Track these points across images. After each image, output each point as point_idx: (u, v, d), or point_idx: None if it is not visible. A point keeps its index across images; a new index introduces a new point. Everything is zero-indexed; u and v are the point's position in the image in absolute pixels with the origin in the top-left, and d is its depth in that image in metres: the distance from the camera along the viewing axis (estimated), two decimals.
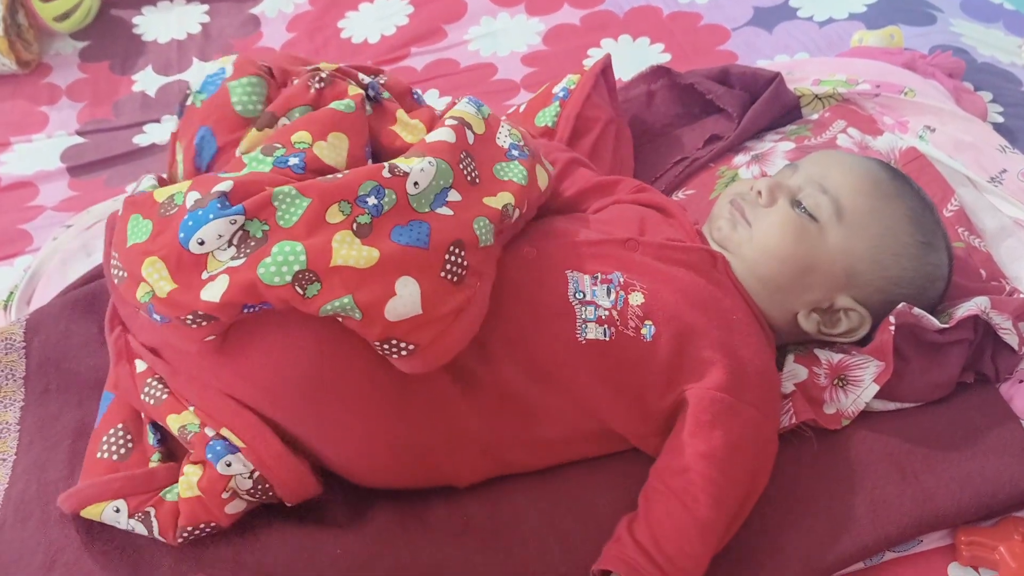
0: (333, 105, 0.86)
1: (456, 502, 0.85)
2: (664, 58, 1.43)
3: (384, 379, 0.78)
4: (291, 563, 0.80)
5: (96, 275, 1.06)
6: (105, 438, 0.85)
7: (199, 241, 0.75)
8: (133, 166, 1.35)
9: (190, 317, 0.75)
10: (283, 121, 0.87)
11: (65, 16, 1.57)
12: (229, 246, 0.75)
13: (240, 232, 0.75)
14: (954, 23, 1.41)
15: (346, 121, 0.85)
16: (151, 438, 0.84)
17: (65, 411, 0.95)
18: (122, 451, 0.84)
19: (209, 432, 0.80)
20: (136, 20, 1.63)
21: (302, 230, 0.75)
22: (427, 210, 0.79)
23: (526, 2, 1.58)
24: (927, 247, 0.90)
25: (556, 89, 1.11)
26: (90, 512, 0.82)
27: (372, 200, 0.77)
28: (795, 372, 0.91)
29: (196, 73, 1.17)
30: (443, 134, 0.84)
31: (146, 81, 1.51)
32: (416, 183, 0.79)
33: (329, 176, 0.79)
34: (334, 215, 0.76)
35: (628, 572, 0.76)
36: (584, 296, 0.84)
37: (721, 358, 0.83)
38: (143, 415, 0.86)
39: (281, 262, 0.73)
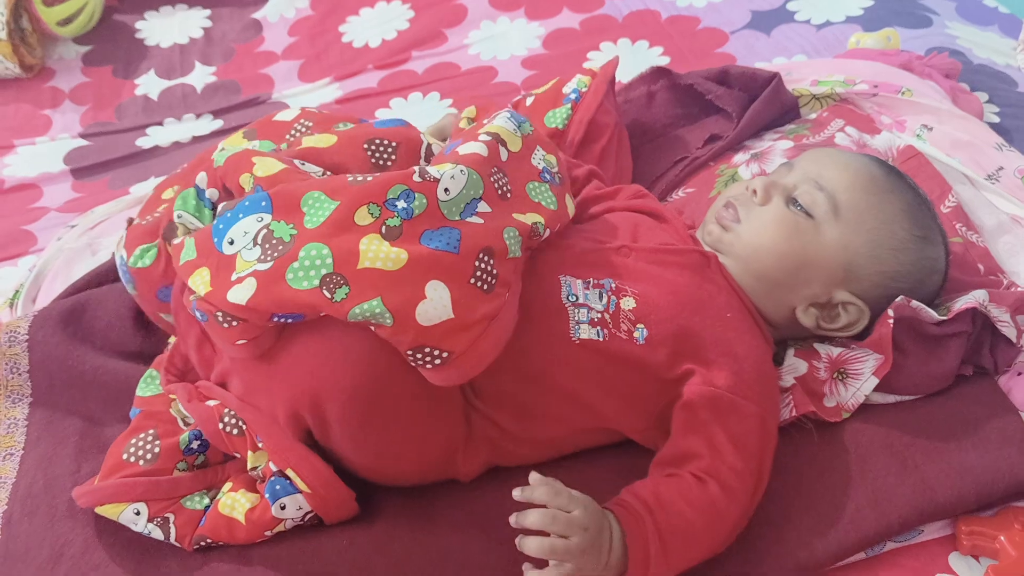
0: (221, 158, 0.85)
1: (460, 495, 0.86)
2: (663, 61, 1.44)
3: (423, 389, 0.77)
4: (298, 554, 0.81)
5: (101, 277, 1.07)
6: (134, 440, 0.85)
7: (229, 241, 0.76)
8: (136, 168, 1.36)
9: (219, 315, 0.75)
10: (176, 215, 0.86)
11: (68, 21, 1.58)
12: (255, 245, 0.75)
13: (265, 231, 0.75)
14: (950, 26, 1.43)
15: (251, 152, 0.85)
16: (185, 443, 0.85)
17: (72, 408, 0.96)
18: (148, 456, 0.84)
19: (273, 467, 0.81)
20: (139, 25, 1.65)
21: (329, 232, 0.74)
22: (457, 218, 0.78)
23: (526, 6, 1.60)
24: (924, 241, 0.91)
25: (567, 89, 1.10)
26: (107, 511, 0.82)
27: (402, 203, 0.76)
28: (795, 366, 0.91)
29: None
30: (476, 147, 0.84)
31: (149, 85, 1.53)
32: (447, 189, 0.78)
33: (359, 177, 0.78)
34: (363, 217, 0.75)
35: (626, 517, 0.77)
36: (577, 299, 0.85)
37: (717, 357, 0.84)
38: (181, 421, 0.87)
39: (308, 266, 0.72)
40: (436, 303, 0.72)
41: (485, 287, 0.76)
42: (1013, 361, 0.93)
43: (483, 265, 0.76)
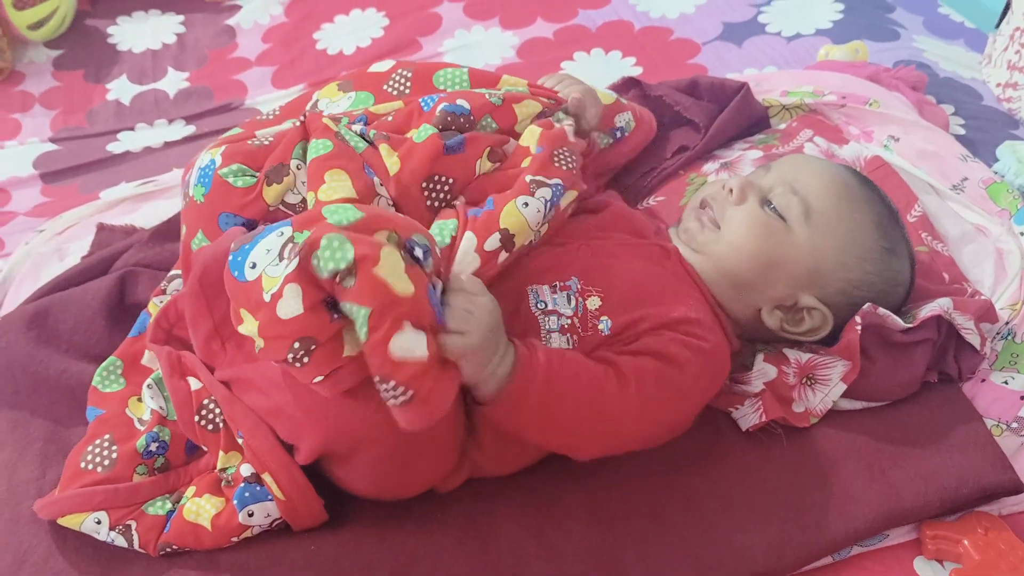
0: (311, 153, 0.87)
1: (429, 498, 0.85)
2: (636, 71, 1.46)
3: (451, 432, 0.80)
4: (266, 560, 0.80)
5: (68, 281, 1.06)
6: (91, 448, 0.85)
7: (251, 265, 0.71)
8: (106, 172, 1.35)
9: (290, 354, 0.69)
10: (294, 164, 0.87)
11: (39, 24, 1.57)
12: (280, 260, 0.70)
13: (290, 244, 0.70)
14: (917, 39, 1.45)
15: (333, 160, 0.86)
16: (143, 447, 0.84)
17: (36, 413, 0.94)
18: (106, 463, 0.84)
19: (245, 471, 0.80)
20: (111, 30, 1.64)
21: (351, 229, 0.69)
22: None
23: (500, 15, 1.60)
24: (890, 253, 0.93)
25: (618, 120, 1.10)
26: (69, 521, 0.82)
27: (419, 252, 0.72)
28: (765, 371, 0.92)
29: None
30: (493, 243, 0.85)
31: (121, 90, 1.52)
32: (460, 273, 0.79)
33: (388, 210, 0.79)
34: (382, 236, 0.71)
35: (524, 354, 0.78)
36: (546, 306, 0.85)
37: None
38: (137, 422, 0.86)
39: (328, 257, 0.67)
40: (410, 340, 0.69)
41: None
42: (977, 368, 0.95)
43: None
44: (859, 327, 0.90)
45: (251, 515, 0.80)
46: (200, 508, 0.81)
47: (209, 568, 0.81)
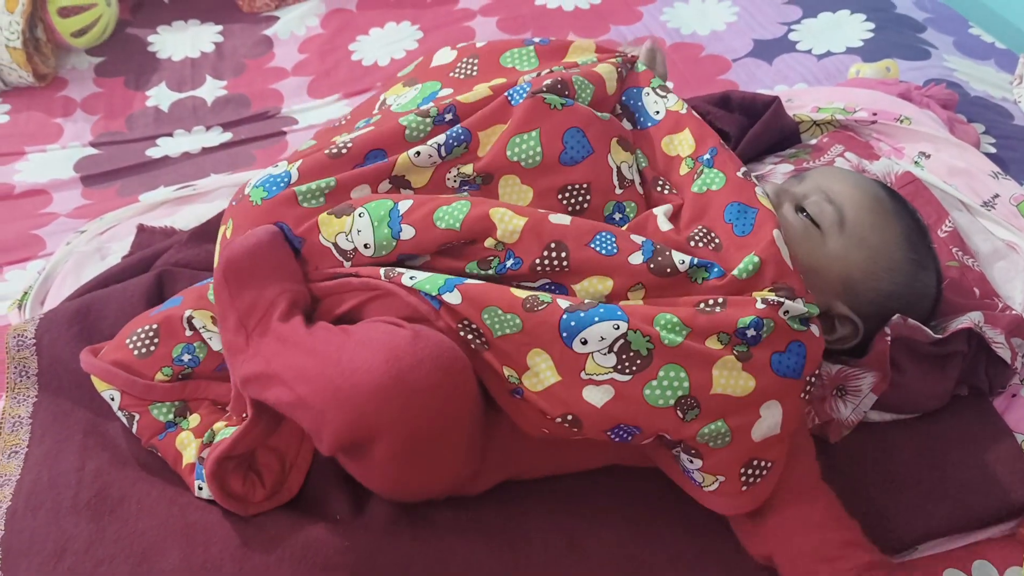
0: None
1: (464, 500, 0.86)
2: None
3: (469, 434, 0.79)
4: (299, 554, 0.81)
5: (109, 279, 1.09)
6: (140, 329, 0.92)
7: (582, 341, 0.77)
8: (145, 176, 1.38)
9: (561, 417, 0.77)
10: (357, 212, 0.85)
11: (82, 32, 1.60)
12: (609, 352, 0.76)
13: (622, 341, 0.76)
14: (948, 59, 1.46)
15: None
16: (177, 353, 0.91)
17: (77, 407, 0.96)
18: (143, 350, 0.91)
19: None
20: (151, 38, 1.67)
21: (685, 353, 0.77)
22: (804, 328, 0.81)
23: (533, 30, 1.62)
24: (918, 266, 0.93)
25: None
26: (96, 383, 0.92)
27: (752, 332, 0.78)
28: None
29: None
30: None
31: (160, 97, 1.55)
32: (787, 311, 0.80)
33: (706, 308, 0.80)
34: (712, 343, 0.78)
35: None
36: None
37: None
38: (188, 329, 0.91)
39: (666, 386, 0.76)
40: (769, 422, 0.79)
41: (807, 398, 0.82)
42: (1008, 382, 0.95)
43: (813, 380, 0.82)
44: (888, 338, 0.90)
45: (200, 489, 0.87)
46: (190, 442, 0.88)
47: (242, 559, 0.82)
